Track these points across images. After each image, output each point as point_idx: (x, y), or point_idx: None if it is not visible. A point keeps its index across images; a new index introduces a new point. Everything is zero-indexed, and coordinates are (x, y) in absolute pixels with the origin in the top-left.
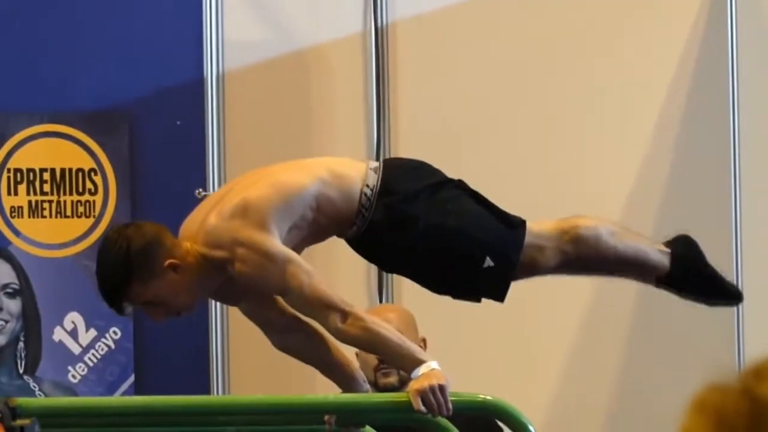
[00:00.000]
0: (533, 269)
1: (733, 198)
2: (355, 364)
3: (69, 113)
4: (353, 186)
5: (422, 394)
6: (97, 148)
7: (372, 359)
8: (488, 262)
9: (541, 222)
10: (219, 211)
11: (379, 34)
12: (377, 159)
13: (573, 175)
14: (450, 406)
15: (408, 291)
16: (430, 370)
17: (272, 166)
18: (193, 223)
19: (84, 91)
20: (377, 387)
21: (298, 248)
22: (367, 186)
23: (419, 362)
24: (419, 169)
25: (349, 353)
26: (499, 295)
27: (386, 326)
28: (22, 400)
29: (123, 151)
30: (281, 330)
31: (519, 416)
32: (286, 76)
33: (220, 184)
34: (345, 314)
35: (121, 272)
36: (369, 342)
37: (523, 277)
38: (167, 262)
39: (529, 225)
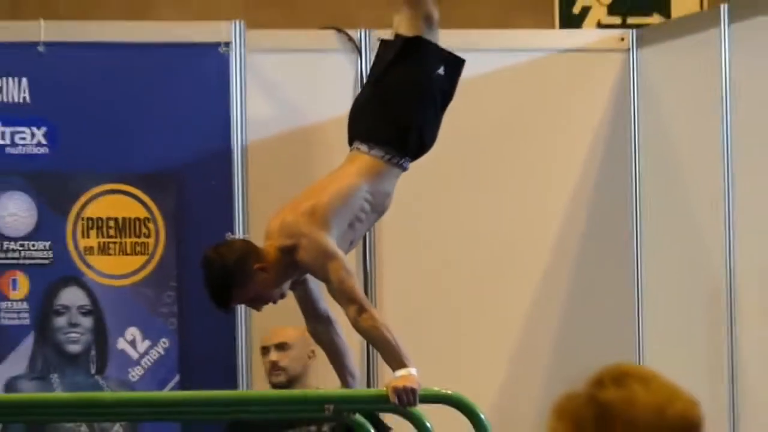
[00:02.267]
0: None
1: (635, 263)
2: (353, 365)
3: (129, 174)
4: (375, 163)
5: (397, 392)
6: (150, 202)
7: (267, 364)
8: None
9: None
10: (293, 210)
11: None
12: None
13: (498, 241)
14: (416, 403)
15: (387, 291)
16: (408, 374)
17: (330, 176)
18: (274, 223)
19: (140, 158)
20: (271, 384)
21: (365, 224)
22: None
23: (403, 365)
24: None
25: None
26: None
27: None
28: None
29: (170, 204)
30: (315, 318)
31: (474, 407)
32: (295, 146)
33: (245, 229)
34: (363, 310)
35: (224, 283)
36: (373, 336)
37: None
38: (256, 266)
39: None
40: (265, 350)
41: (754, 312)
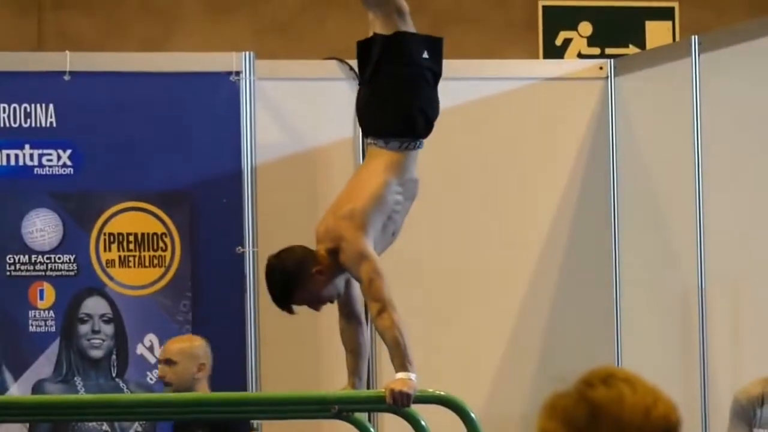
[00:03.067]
0: None
1: (614, 282)
2: (364, 369)
3: (147, 193)
4: (395, 156)
5: (393, 394)
6: (167, 218)
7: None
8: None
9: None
10: (334, 215)
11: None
12: None
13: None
14: (409, 405)
15: None
16: (407, 378)
17: (359, 174)
18: (321, 228)
19: (158, 178)
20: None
21: (401, 213)
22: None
23: (405, 369)
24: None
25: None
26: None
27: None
28: None
29: (185, 220)
30: (347, 317)
31: (465, 406)
32: (300, 167)
33: (254, 244)
34: (383, 310)
35: (285, 286)
36: (386, 335)
37: None
38: (314, 270)
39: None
40: (158, 362)
41: (723, 317)
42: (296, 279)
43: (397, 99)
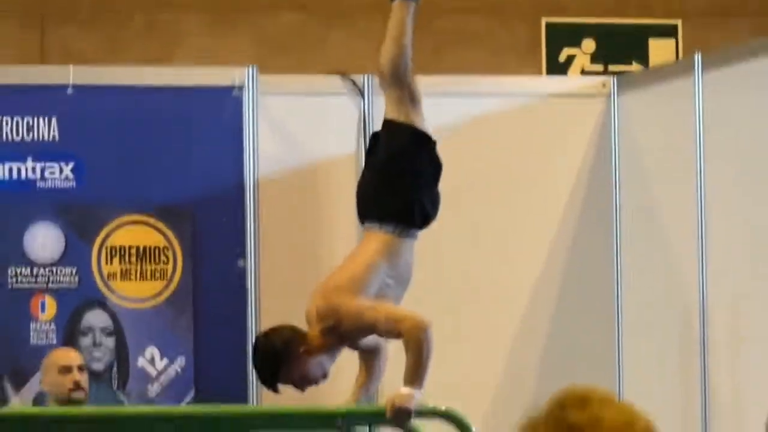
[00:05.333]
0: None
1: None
2: (373, 389)
3: (149, 206)
4: (389, 238)
5: (394, 408)
6: (169, 232)
7: (68, 382)
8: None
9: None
10: (323, 295)
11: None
12: None
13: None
14: (408, 422)
15: None
16: (409, 394)
17: (350, 256)
18: (311, 310)
19: (160, 192)
20: (70, 401)
21: (391, 299)
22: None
23: (412, 385)
24: None
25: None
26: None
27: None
28: None
29: (187, 234)
30: (367, 352)
31: (466, 422)
32: (303, 181)
33: (256, 259)
34: (414, 324)
35: (272, 366)
36: (411, 346)
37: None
38: (302, 350)
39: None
40: (67, 369)
41: (724, 337)
42: (282, 358)
43: (399, 186)
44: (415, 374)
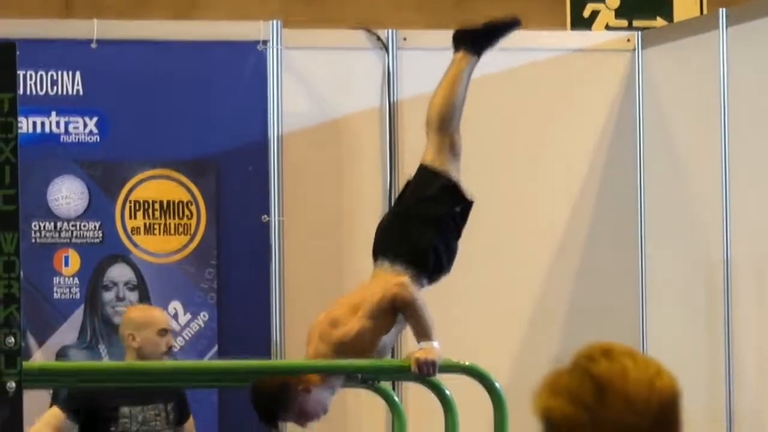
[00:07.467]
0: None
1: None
2: None
3: (173, 161)
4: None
5: (419, 363)
6: (193, 186)
7: (162, 345)
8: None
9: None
10: (326, 342)
11: (392, 107)
12: (389, 198)
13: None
14: (435, 373)
15: None
16: (430, 347)
17: (357, 290)
18: (310, 351)
19: (184, 146)
20: None
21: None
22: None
23: (426, 338)
24: None
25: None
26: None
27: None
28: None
29: (211, 188)
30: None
31: (489, 377)
32: (326, 136)
33: (280, 213)
34: (403, 285)
35: (271, 407)
36: (408, 309)
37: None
38: (300, 388)
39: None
40: (165, 332)
41: (748, 298)
42: (281, 396)
43: (418, 230)
44: (423, 328)
